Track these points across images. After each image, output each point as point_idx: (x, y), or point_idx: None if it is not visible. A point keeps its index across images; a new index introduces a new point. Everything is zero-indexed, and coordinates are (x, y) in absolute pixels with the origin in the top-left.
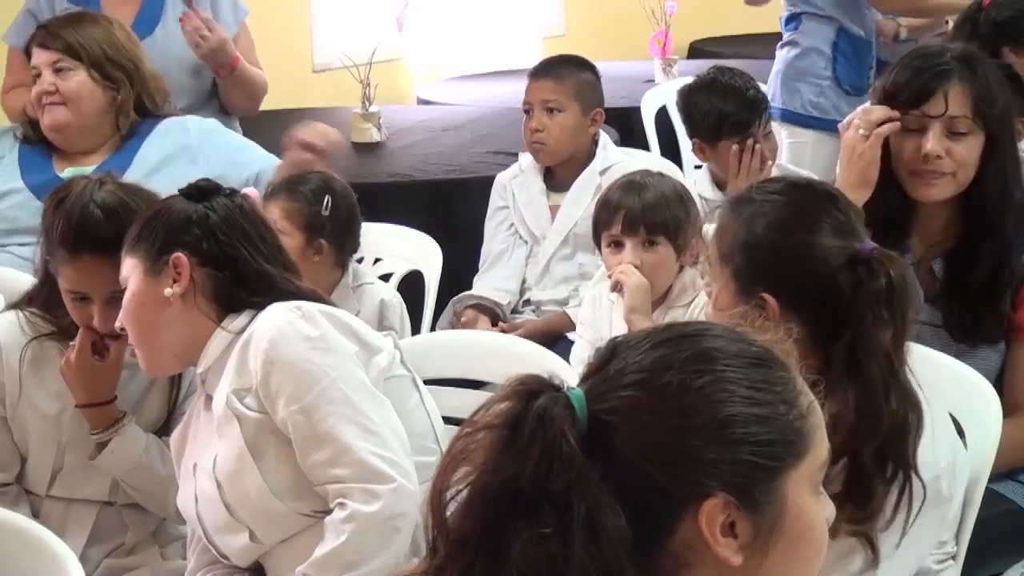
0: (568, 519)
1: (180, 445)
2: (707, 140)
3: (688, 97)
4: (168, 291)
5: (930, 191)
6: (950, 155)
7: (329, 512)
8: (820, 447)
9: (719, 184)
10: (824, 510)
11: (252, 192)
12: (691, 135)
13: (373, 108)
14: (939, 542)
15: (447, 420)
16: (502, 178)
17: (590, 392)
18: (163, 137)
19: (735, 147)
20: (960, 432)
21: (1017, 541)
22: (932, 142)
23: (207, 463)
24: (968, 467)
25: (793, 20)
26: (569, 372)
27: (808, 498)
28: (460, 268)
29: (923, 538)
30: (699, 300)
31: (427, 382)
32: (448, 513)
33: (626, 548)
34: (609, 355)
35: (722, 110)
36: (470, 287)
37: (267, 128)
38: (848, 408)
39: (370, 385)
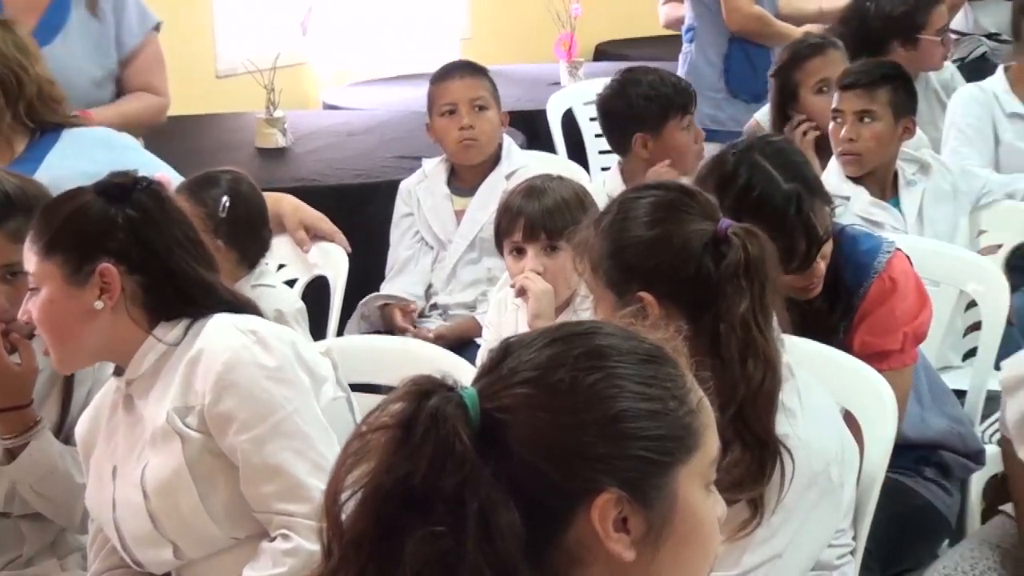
0: (461, 517)
1: (89, 442)
2: (653, 128)
3: (621, 95)
4: (98, 304)
5: None
6: None
7: (262, 536)
8: (710, 443)
9: (629, 184)
10: (715, 507)
11: (165, 178)
12: (632, 131)
13: (278, 113)
14: (836, 532)
15: None
16: (406, 184)
17: (483, 391)
18: (64, 155)
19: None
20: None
21: (927, 536)
22: None
23: (133, 472)
24: (857, 455)
25: (690, 31)
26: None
27: (699, 494)
28: (367, 273)
29: (815, 523)
30: None
31: None
32: (344, 516)
33: (519, 545)
34: (502, 354)
35: (665, 92)
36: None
37: (170, 135)
38: (707, 377)
39: (323, 420)
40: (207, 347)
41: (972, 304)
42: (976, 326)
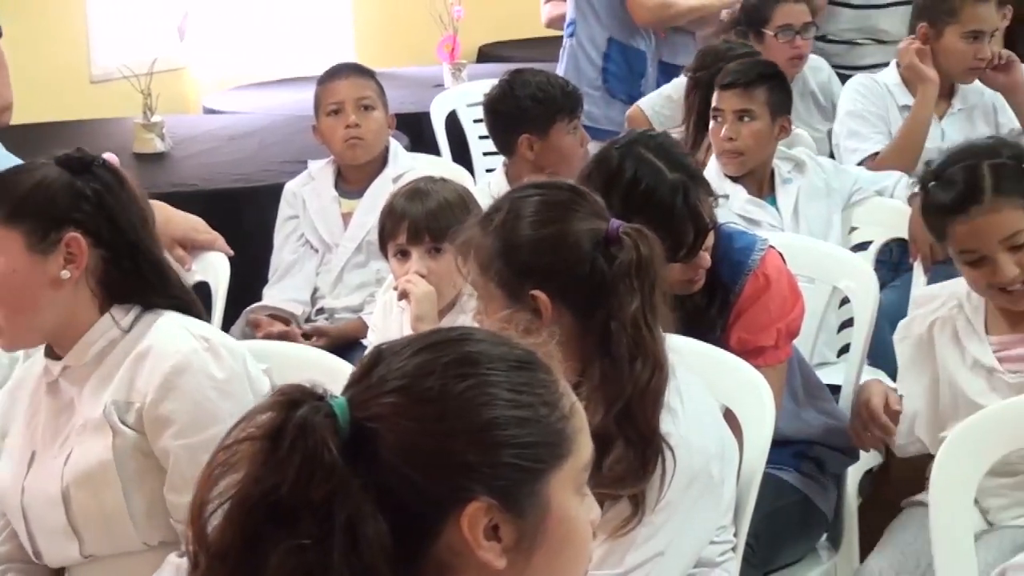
0: (328, 529)
1: (4, 423)
2: (539, 130)
3: (509, 95)
4: (65, 274)
5: None
6: None
7: (173, 546)
8: (583, 449)
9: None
10: (588, 512)
11: (113, 158)
12: (519, 132)
13: (156, 118)
14: (718, 529)
15: None
16: (291, 186)
17: (353, 400)
18: None
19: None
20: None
21: (806, 530)
22: None
23: (54, 461)
24: (736, 452)
25: (571, 26)
26: None
27: (572, 500)
28: (249, 278)
29: (696, 520)
30: None
31: None
32: (210, 528)
33: (387, 556)
34: (373, 362)
35: (552, 94)
36: (260, 298)
37: (43, 142)
38: (595, 377)
39: None
40: (157, 345)
41: (846, 300)
42: (850, 322)
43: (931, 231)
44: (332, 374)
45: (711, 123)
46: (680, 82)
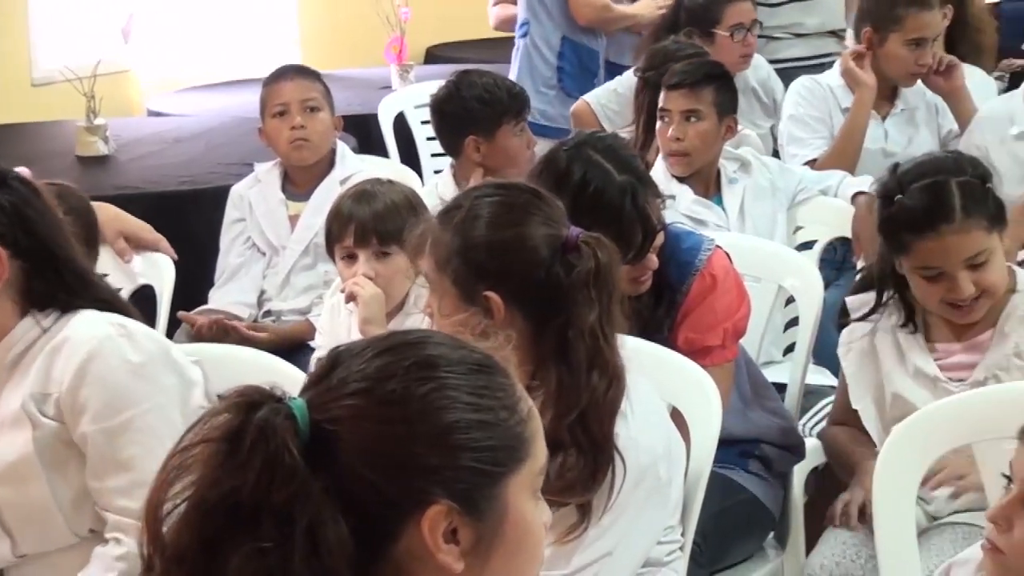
0: (289, 532)
1: None
2: (486, 131)
3: (456, 96)
4: None
5: None
6: None
7: (101, 534)
8: (539, 452)
9: (461, 187)
10: (543, 514)
11: (26, 171)
12: (465, 133)
13: (99, 121)
14: (665, 529)
15: None
16: (237, 189)
17: (313, 402)
18: None
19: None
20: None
21: (753, 529)
22: None
23: None
24: (683, 452)
25: (524, 26)
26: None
27: (528, 503)
28: (195, 281)
29: (644, 520)
30: None
31: None
32: (165, 529)
33: (348, 559)
34: (332, 364)
35: (499, 96)
36: (206, 301)
37: None
38: (551, 383)
39: (180, 426)
40: (72, 336)
41: (792, 299)
42: (795, 321)
43: (888, 243)
44: (275, 375)
45: (658, 123)
46: (627, 78)
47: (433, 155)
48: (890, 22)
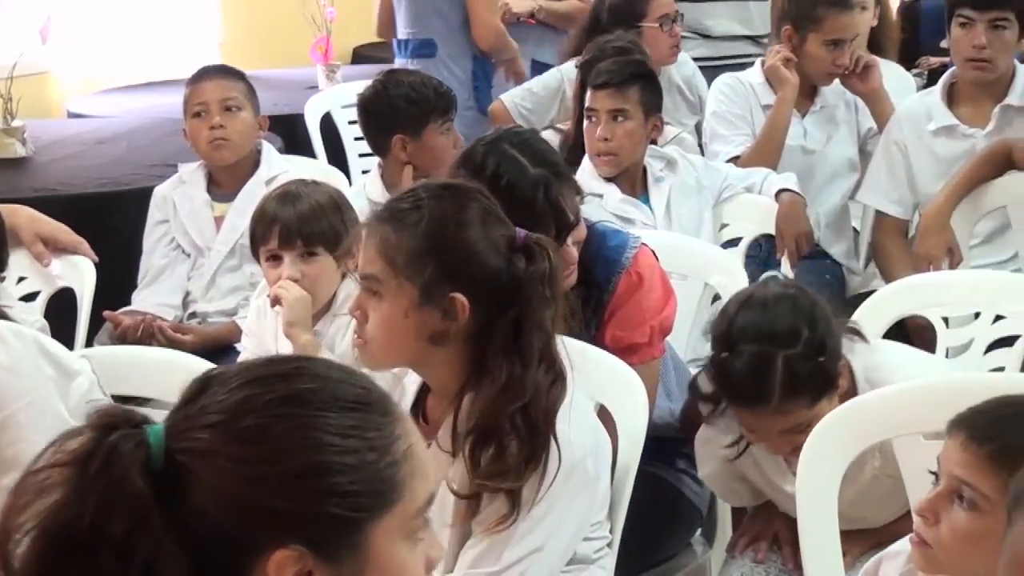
0: (126, 567)
1: None
2: (412, 130)
3: (382, 95)
4: None
5: None
6: None
7: None
8: (417, 493)
9: (389, 186)
10: (427, 551)
11: None
12: (392, 132)
13: (16, 122)
14: (593, 525)
15: None
16: (161, 190)
17: (172, 428)
18: None
19: None
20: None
21: (680, 526)
22: None
23: None
24: (610, 449)
25: (430, 47)
26: None
27: (399, 546)
28: (117, 284)
29: (573, 515)
30: None
31: None
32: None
33: None
34: (200, 388)
35: (425, 94)
36: (129, 303)
37: None
38: (501, 376)
39: (66, 416)
40: None
41: (718, 296)
42: None
43: (714, 392)
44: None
45: (585, 123)
46: (545, 77)
47: (361, 155)
48: (810, 22)
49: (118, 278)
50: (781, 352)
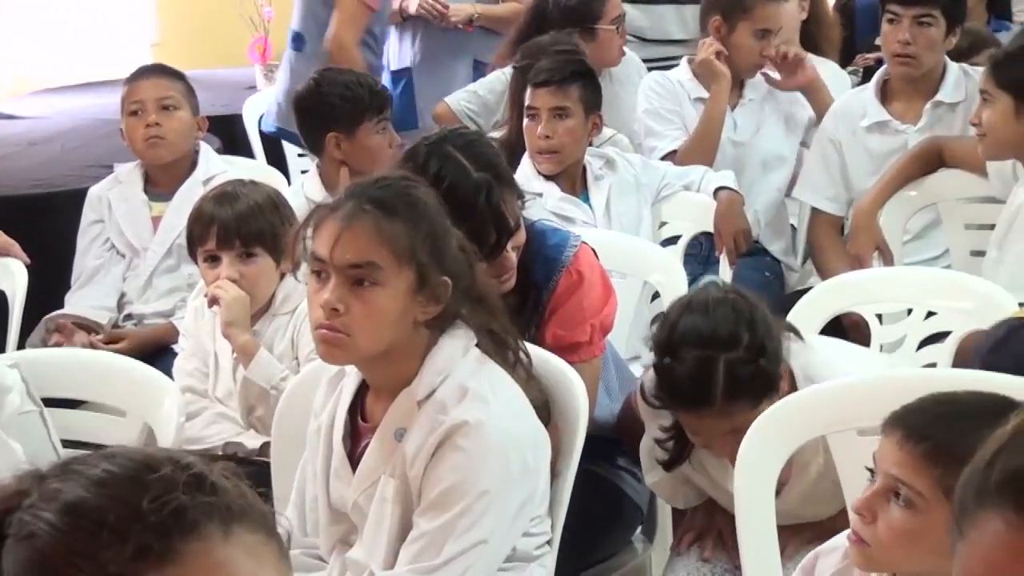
0: None
1: None
2: (347, 128)
3: (317, 93)
4: None
5: None
6: None
7: None
8: None
9: (328, 185)
10: None
11: None
12: (326, 131)
13: None
14: (533, 520)
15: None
16: (96, 191)
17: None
18: None
19: None
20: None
21: (621, 524)
22: None
23: None
24: (549, 445)
25: (297, 39)
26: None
27: None
28: (50, 285)
29: (513, 507)
30: (302, 307)
31: None
32: None
33: None
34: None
35: (360, 93)
36: (63, 305)
37: None
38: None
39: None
40: None
41: (658, 294)
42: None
43: (659, 395)
44: (134, 380)
45: (526, 121)
46: (488, 79)
47: (299, 155)
48: (739, 11)
49: (52, 280)
50: (722, 355)
